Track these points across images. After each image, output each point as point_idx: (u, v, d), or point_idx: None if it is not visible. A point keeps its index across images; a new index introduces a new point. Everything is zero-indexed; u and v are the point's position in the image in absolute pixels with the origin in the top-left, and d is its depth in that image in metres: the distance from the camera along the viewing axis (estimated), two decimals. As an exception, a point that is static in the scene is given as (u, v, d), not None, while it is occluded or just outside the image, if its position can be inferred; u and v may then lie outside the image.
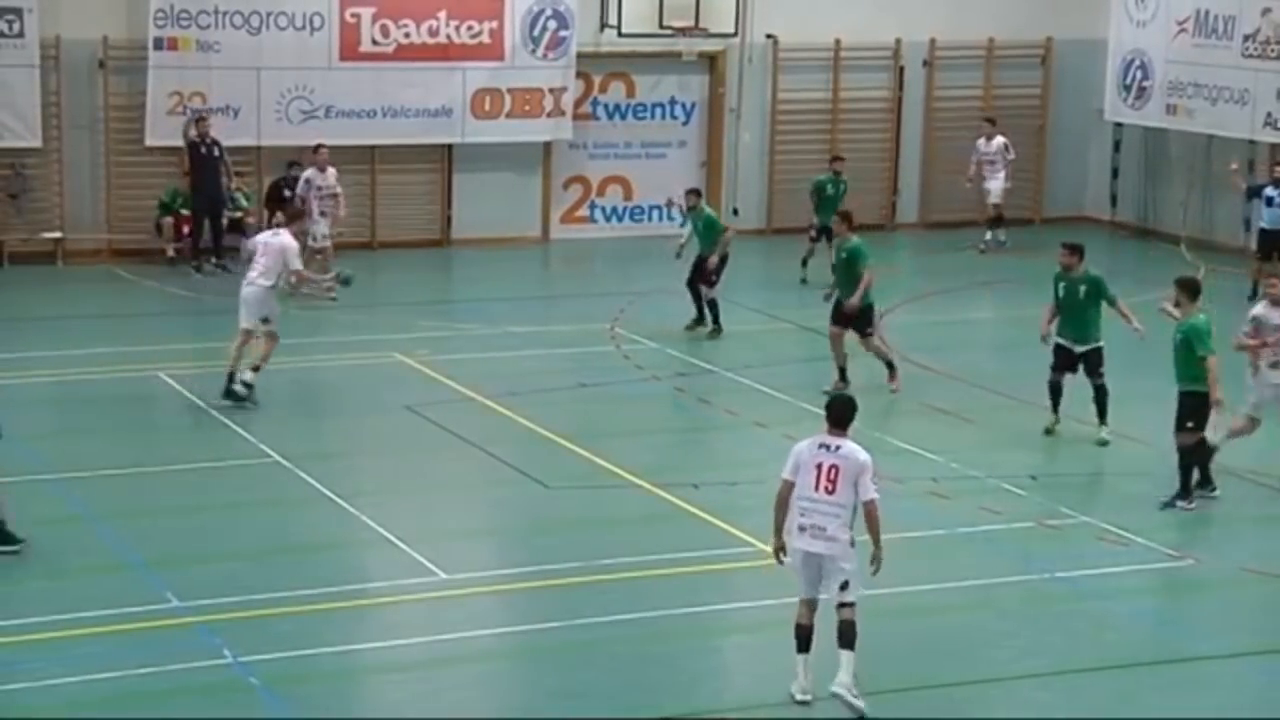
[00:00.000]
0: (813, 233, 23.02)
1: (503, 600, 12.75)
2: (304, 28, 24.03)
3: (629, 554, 13.28)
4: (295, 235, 17.67)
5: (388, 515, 14.06)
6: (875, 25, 26.31)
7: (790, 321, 20.98)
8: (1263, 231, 22.58)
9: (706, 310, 20.12)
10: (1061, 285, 16.50)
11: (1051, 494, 14.89)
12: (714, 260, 19.95)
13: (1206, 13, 24.73)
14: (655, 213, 26.44)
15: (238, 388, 16.89)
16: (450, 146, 25.12)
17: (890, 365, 17.98)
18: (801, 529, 10.77)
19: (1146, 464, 15.67)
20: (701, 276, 20.11)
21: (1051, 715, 11.00)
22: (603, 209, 26.15)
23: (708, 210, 20.69)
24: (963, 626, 12.31)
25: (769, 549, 13.26)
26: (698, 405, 17.61)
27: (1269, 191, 22.45)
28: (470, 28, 24.65)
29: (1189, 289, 14.88)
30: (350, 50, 24.24)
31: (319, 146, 22.55)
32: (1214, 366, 14.39)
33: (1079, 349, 16.29)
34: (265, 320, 17.16)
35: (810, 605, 10.92)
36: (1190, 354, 14.51)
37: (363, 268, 21.71)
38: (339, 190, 22.43)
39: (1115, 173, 27.44)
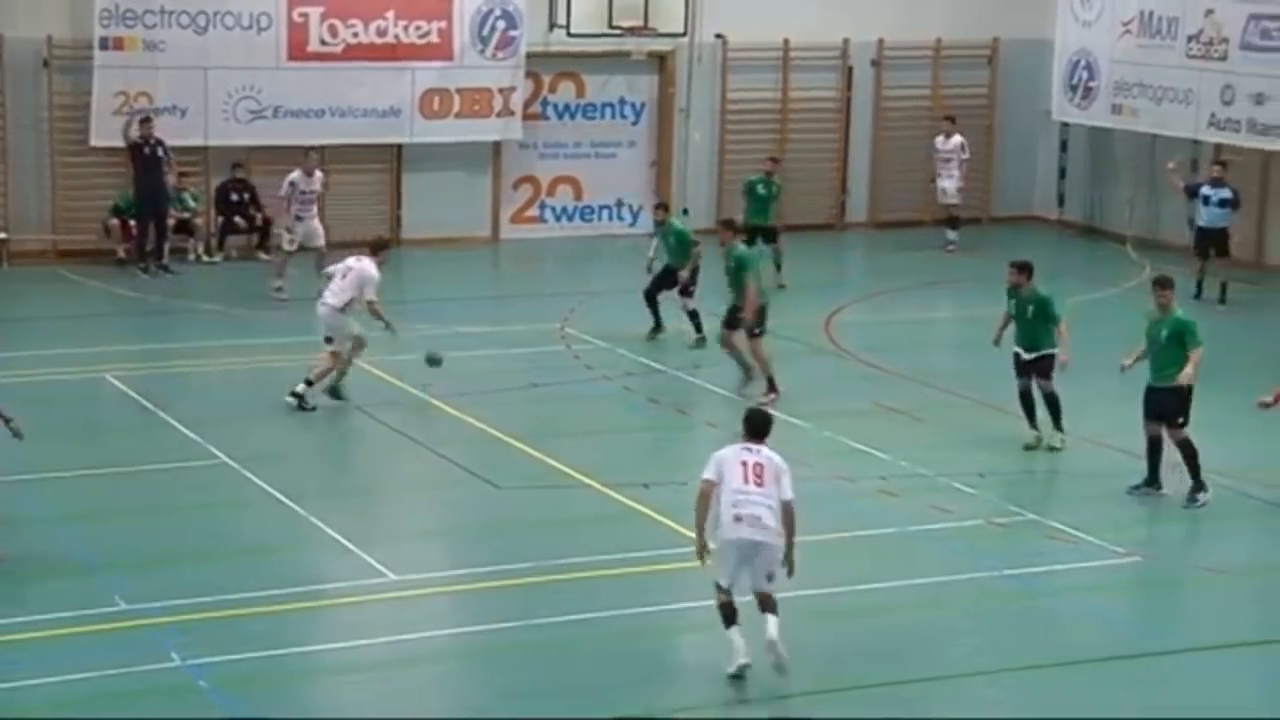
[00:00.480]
0: (744, 235, 22.77)
1: (455, 601, 12.72)
2: (251, 27, 23.90)
3: (581, 554, 13.27)
4: (379, 266, 17.37)
5: (338, 517, 14.00)
6: (824, 25, 26.38)
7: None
8: (1200, 230, 22.79)
9: (688, 320, 19.65)
10: (1012, 301, 16.56)
11: (1001, 492, 14.97)
12: (684, 275, 19.66)
13: (1150, 13, 24.92)
14: (605, 213, 26.44)
15: (289, 399, 16.88)
16: (399, 146, 25.04)
17: (770, 379, 17.60)
18: (738, 519, 11.14)
19: (1094, 462, 15.79)
20: (678, 288, 19.65)
21: (1002, 713, 11.05)
22: (553, 209, 26.12)
23: (677, 224, 20.36)
24: (914, 625, 12.36)
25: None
26: (648, 405, 17.62)
27: (1206, 190, 22.67)
28: (419, 27, 24.58)
29: (1169, 285, 14.96)
30: (298, 50, 24.13)
31: (310, 150, 22.28)
32: (1199, 358, 14.56)
33: (1027, 356, 16.35)
34: (328, 340, 17.12)
35: (730, 594, 11.30)
36: (1181, 349, 14.58)
37: (311, 269, 21.61)
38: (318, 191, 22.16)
39: (1062, 172, 27.61)
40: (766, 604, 11.24)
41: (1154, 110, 25.00)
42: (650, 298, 20.01)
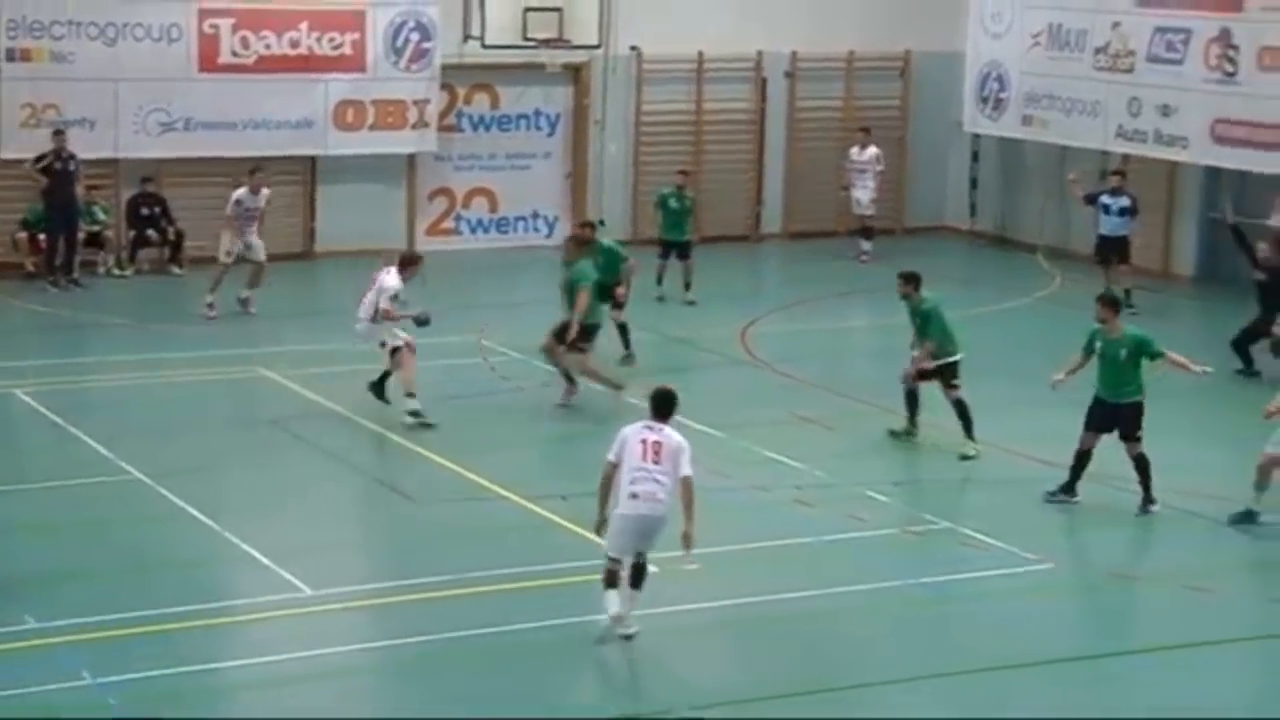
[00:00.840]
0: (660, 248, 22.83)
1: (371, 615, 12.65)
2: (161, 39, 23.70)
3: (499, 566, 13.24)
4: (404, 279, 17.33)
5: (252, 532, 13.89)
6: (738, 37, 26.52)
7: (654, 331, 21.04)
8: (1101, 238, 23.11)
9: (619, 334, 19.45)
10: (906, 308, 16.77)
11: (915, 501, 15.09)
12: (622, 291, 19.46)
13: (1059, 26, 25.24)
14: (521, 224, 26.41)
15: (407, 419, 16.74)
16: (313, 158, 24.91)
17: (570, 379, 17.66)
18: (634, 495, 11.78)
19: (1006, 470, 15.94)
20: (611, 302, 19.35)
21: (921, 718, 11.14)
22: (468, 221, 26.07)
23: (606, 241, 19.99)
24: (831, 633, 12.42)
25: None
26: (564, 416, 17.61)
27: (1106, 199, 23.00)
28: (332, 39, 24.47)
29: (1113, 305, 15.12)
30: (209, 61, 23.95)
31: (254, 170, 21.98)
32: (1175, 356, 14.78)
33: (929, 365, 16.47)
34: (382, 344, 17.06)
35: (621, 564, 11.96)
36: (1136, 365, 14.75)
37: (225, 281, 21.44)
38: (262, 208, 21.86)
39: (974, 183, 27.89)
40: (638, 578, 11.93)
41: (1063, 121, 25.31)
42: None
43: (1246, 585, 13.31)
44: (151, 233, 23.97)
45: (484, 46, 24.86)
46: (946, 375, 16.44)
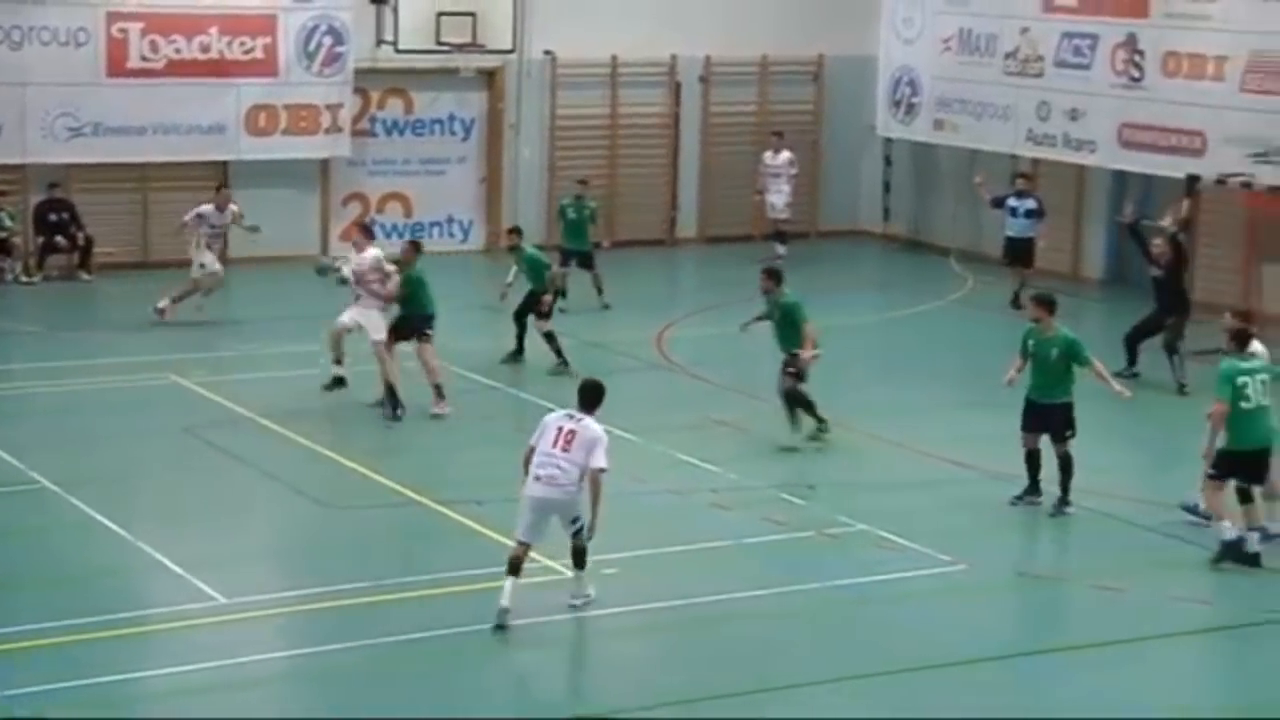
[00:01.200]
0: (559, 256, 22.69)
1: (286, 623, 12.56)
2: (69, 43, 23.44)
3: (415, 573, 13.19)
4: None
5: (165, 540, 13.75)
6: (652, 42, 26.56)
7: (569, 336, 21.03)
8: (1008, 240, 23.40)
9: (546, 344, 19.38)
10: (766, 303, 17.12)
11: (830, 503, 15.16)
12: (549, 299, 19.44)
13: (969, 31, 25.48)
14: (436, 229, 26.32)
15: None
16: (225, 163, 24.70)
17: (437, 388, 17.69)
18: (536, 478, 12.24)
19: (921, 472, 16.06)
20: (535, 311, 19.42)
21: (842, 718, 11.19)
22: (383, 226, 25.88)
23: (529, 249, 19.93)
24: (749, 635, 12.46)
25: (554, 564, 13.34)
26: (480, 421, 17.56)
27: (1012, 202, 23.30)
28: (243, 43, 24.28)
29: (1048, 305, 15.22)
30: (118, 66, 23.71)
31: (220, 186, 22.08)
32: (1101, 368, 14.96)
33: (781, 354, 16.90)
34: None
35: (526, 547, 12.30)
36: (1067, 367, 14.89)
37: (135, 288, 21.23)
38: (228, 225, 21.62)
39: (887, 186, 28.09)
40: (576, 557, 12.40)
41: (974, 125, 25.56)
42: (520, 319, 19.72)
43: (1153, 585, 13.49)
44: (60, 239, 23.67)
45: (397, 51, 24.76)
46: (784, 364, 16.74)
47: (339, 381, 17.85)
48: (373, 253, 18.01)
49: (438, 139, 26.12)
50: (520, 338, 19.71)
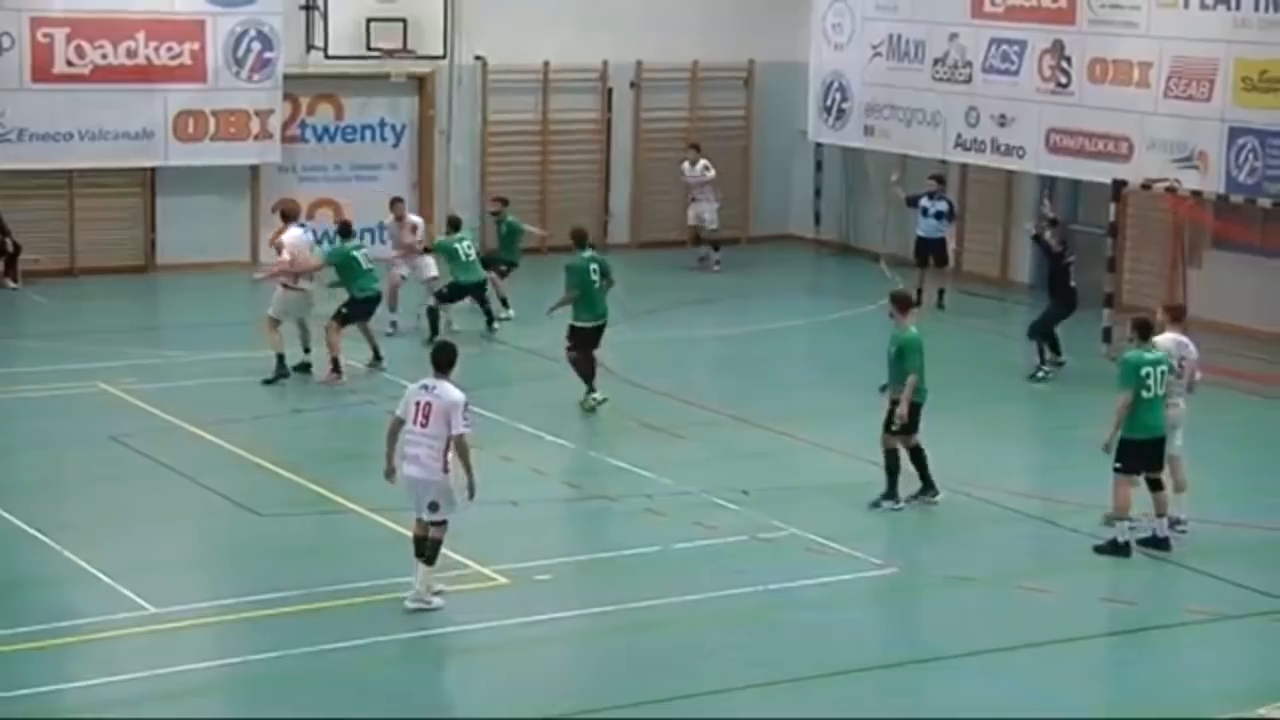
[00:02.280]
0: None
1: (217, 632, 12.47)
2: (-8, 48, 23.21)
3: (348, 580, 13.12)
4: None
5: (93, 549, 13.63)
6: (583, 47, 26.57)
7: (506, 344, 21.04)
8: (919, 239, 23.65)
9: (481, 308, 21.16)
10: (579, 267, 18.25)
11: (764, 508, 15.20)
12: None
13: (899, 37, 25.64)
14: (366, 236, 26.17)
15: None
16: (153, 170, 24.52)
17: (335, 361, 18.95)
18: (404, 457, 12.40)
19: (851, 476, 16.10)
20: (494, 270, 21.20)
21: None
22: (314, 232, 25.73)
23: (511, 217, 21.53)
24: (683, 641, 12.49)
25: (488, 571, 13.34)
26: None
27: (924, 202, 23.56)
28: (170, 49, 24.09)
29: (900, 302, 15.50)
30: (43, 71, 23.47)
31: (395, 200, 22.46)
32: (913, 383, 15.01)
33: (591, 324, 18.11)
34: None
35: (420, 523, 12.55)
36: (902, 364, 15.07)
37: (63, 295, 21.02)
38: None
39: (818, 192, 28.20)
40: (422, 549, 12.43)
41: (904, 131, 25.71)
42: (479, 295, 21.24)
43: (1079, 586, 13.63)
44: (-14, 246, 23.43)
45: (327, 57, 24.65)
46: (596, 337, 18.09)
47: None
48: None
49: (369, 145, 26.02)
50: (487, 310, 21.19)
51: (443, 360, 12.64)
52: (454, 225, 21.70)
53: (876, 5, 25.81)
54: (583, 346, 18.11)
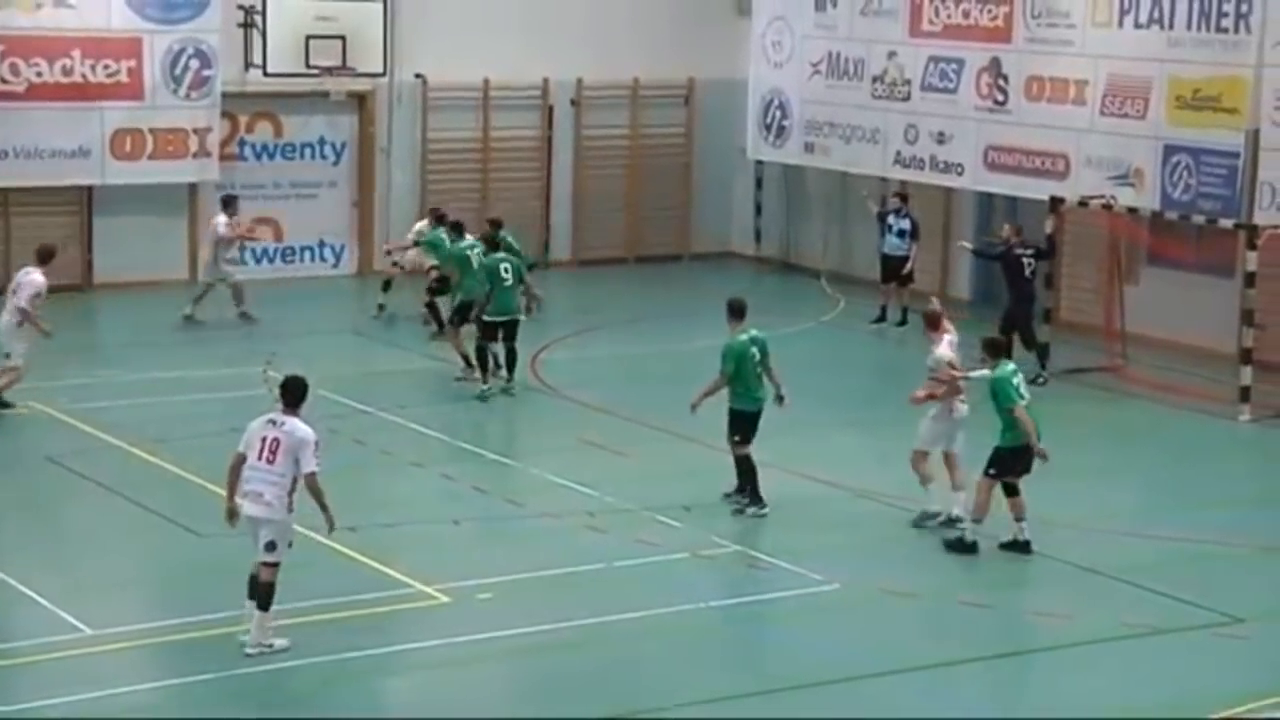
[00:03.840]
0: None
1: (156, 653, 12.37)
2: (-72, 65, 23.00)
3: (288, 601, 13.01)
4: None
5: (28, 571, 13.49)
6: (523, 65, 26.58)
7: (442, 360, 20.96)
8: (884, 257, 23.79)
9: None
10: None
11: (704, 524, 15.21)
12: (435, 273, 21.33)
13: (838, 55, 25.77)
14: (308, 253, 26.11)
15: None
16: (90, 188, 24.34)
17: (465, 357, 19.58)
18: (244, 495, 11.98)
19: (791, 492, 16.13)
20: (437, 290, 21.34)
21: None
22: (253, 250, 25.66)
23: (508, 238, 20.76)
24: (624, 658, 12.47)
25: (430, 589, 13.29)
26: (352, 446, 17.40)
27: (890, 219, 23.70)
28: (107, 66, 23.93)
29: (730, 308, 15.91)
30: (-22, 89, 23.31)
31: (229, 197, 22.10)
32: (719, 384, 15.47)
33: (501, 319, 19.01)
34: (7, 355, 17.36)
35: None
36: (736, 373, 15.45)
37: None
38: None
39: (758, 209, 28.29)
40: (257, 591, 11.93)
41: (844, 148, 25.83)
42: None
43: (1016, 600, 13.72)
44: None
45: (266, 74, 24.55)
46: (510, 330, 19.02)
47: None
48: None
49: (308, 163, 25.92)
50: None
51: (294, 396, 12.07)
52: (493, 233, 20.15)
53: (815, 23, 25.94)
54: (489, 339, 19.12)
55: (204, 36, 24.34)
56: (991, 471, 14.60)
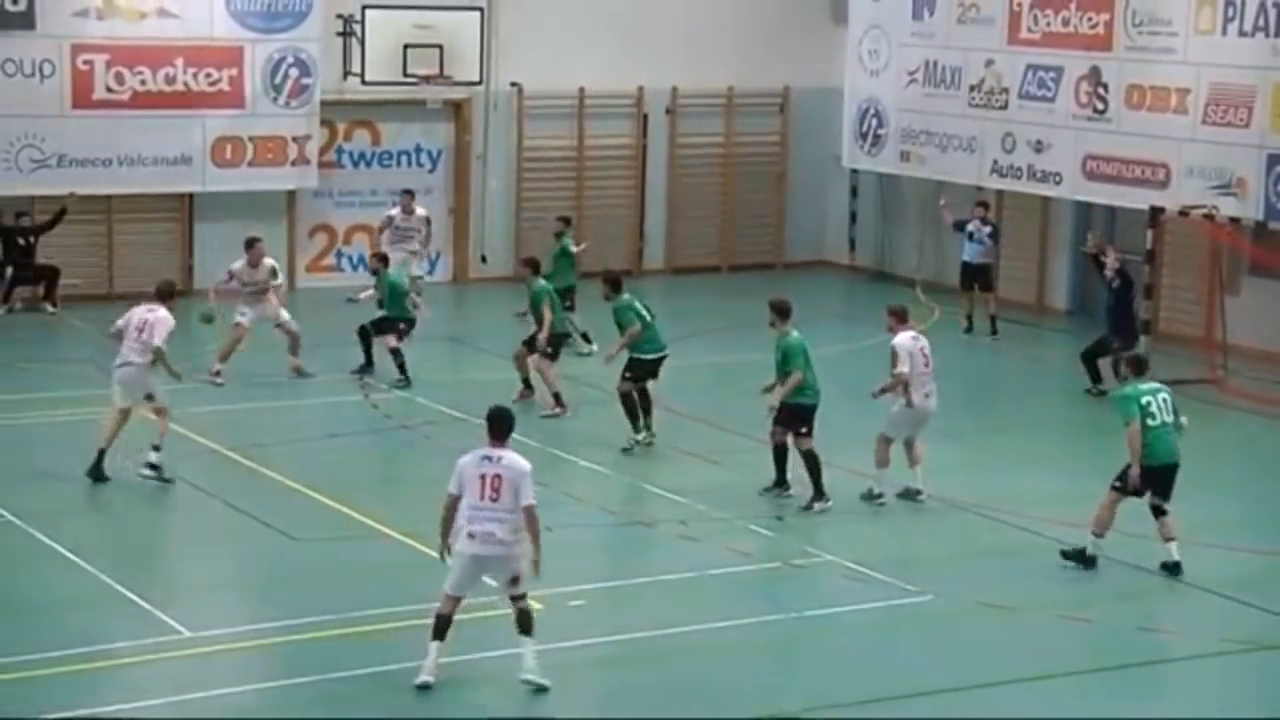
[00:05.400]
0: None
1: (251, 656, 12.49)
2: (33, 75, 23.38)
3: (381, 605, 13.13)
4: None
5: (127, 573, 13.67)
6: (618, 73, 26.64)
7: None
8: (964, 265, 23.70)
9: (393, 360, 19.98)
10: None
11: (797, 534, 15.17)
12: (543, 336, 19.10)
13: (935, 63, 25.62)
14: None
15: (144, 471, 16.14)
16: (191, 195, 24.66)
17: (556, 395, 18.87)
18: (471, 535, 11.54)
19: (886, 501, 16.06)
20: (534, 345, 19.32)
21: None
22: (349, 257, 25.90)
23: (538, 282, 19.54)
24: (715, 668, 12.43)
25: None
26: (448, 453, 17.41)
27: (970, 227, 23.55)
28: (209, 75, 24.25)
29: (779, 309, 16.03)
30: (83, 98, 23.66)
31: (252, 242, 20.64)
32: (794, 381, 15.61)
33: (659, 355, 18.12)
34: (149, 397, 16.45)
35: (455, 601, 11.74)
36: (784, 369, 15.67)
37: (101, 320, 21.07)
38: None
39: (853, 218, 28.18)
40: (522, 622, 11.66)
41: (940, 157, 25.68)
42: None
43: (1116, 614, 13.54)
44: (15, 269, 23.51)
45: (364, 83, 24.76)
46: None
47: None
48: None
49: (405, 170, 26.12)
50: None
51: (504, 429, 11.71)
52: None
53: (912, 32, 25.81)
54: (643, 378, 17.97)
55: (304, 45, 24.61)
56: (1116, 484, 14.30)
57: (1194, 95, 22.11)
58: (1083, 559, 14.34)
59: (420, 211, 23.66)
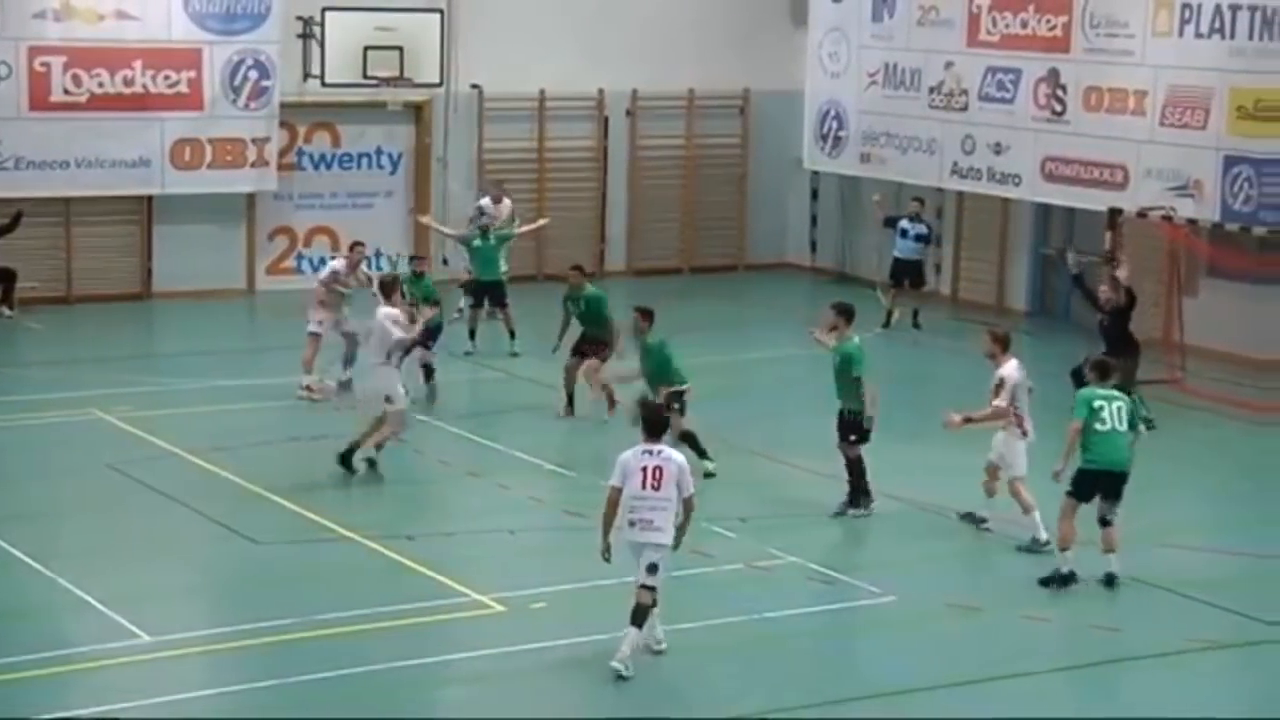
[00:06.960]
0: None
1: (212, 661, 12.43)
2: (-10, 76, 23.26)
3: (344, 609, 13.09)
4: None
5: (88, 577, 13.58)
6: (579, 75, 26.64)
7: (501, 371, 21.02)
8: (896, 260, 23.99)
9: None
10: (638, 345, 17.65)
11: (760, 536, 15.17)
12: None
13: (895, 65, 25.70)
14: (364, 264, 26.15)
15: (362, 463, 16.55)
16: (150, 198, 24.54)
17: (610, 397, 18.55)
18: (631, 524, 12.05)
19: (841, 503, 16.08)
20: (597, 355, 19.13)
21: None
22: (310, 260, 25.80)
23: (590, 288, 19.64)
24: (676, 670, 12.43)
25: (485, 599, 13.31)
26: (411, 456, 17.46)
27: (904, 224, 23.86)
28: (167, 77, 24.13)
29: (845, 314, 15.81)
30: (40, 100, 23.51)
31: (355, 245, 20.60)
32: (870, 388, 15.45)
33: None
34: (388, 400, 16.58)
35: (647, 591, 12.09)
36: (847, 376, 15.47)
37: (59, 322, 21.01)
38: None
39: (814, 220, 28.24)
40: (637, 612, 12.00)
41: (900, 159, 25.76)
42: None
43: (1080, 614, 13.60)
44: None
45: (324, 85, 24.69)
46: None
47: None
48: None
49: (365, 172, 26.06)
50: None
51: (658, 425, 12.34)
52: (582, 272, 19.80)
53: (872, 34, 25.89)
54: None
55: (263, 47, 24.52)
56: (1069, 490, 14.17)
57: (1151, 97, 22.25)
58: (1062, 580, 14.10)
59: (507, 202, 23.47)
